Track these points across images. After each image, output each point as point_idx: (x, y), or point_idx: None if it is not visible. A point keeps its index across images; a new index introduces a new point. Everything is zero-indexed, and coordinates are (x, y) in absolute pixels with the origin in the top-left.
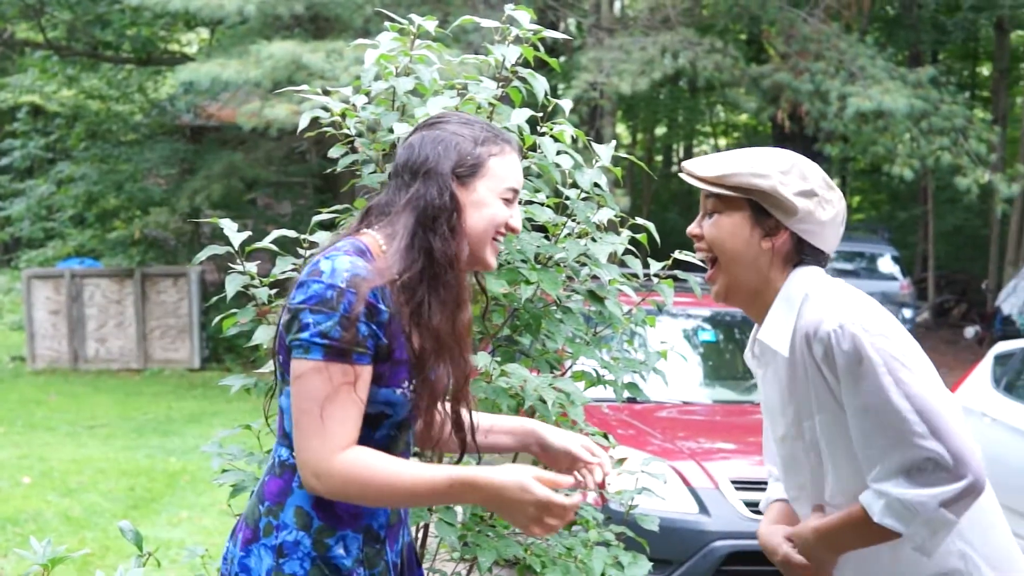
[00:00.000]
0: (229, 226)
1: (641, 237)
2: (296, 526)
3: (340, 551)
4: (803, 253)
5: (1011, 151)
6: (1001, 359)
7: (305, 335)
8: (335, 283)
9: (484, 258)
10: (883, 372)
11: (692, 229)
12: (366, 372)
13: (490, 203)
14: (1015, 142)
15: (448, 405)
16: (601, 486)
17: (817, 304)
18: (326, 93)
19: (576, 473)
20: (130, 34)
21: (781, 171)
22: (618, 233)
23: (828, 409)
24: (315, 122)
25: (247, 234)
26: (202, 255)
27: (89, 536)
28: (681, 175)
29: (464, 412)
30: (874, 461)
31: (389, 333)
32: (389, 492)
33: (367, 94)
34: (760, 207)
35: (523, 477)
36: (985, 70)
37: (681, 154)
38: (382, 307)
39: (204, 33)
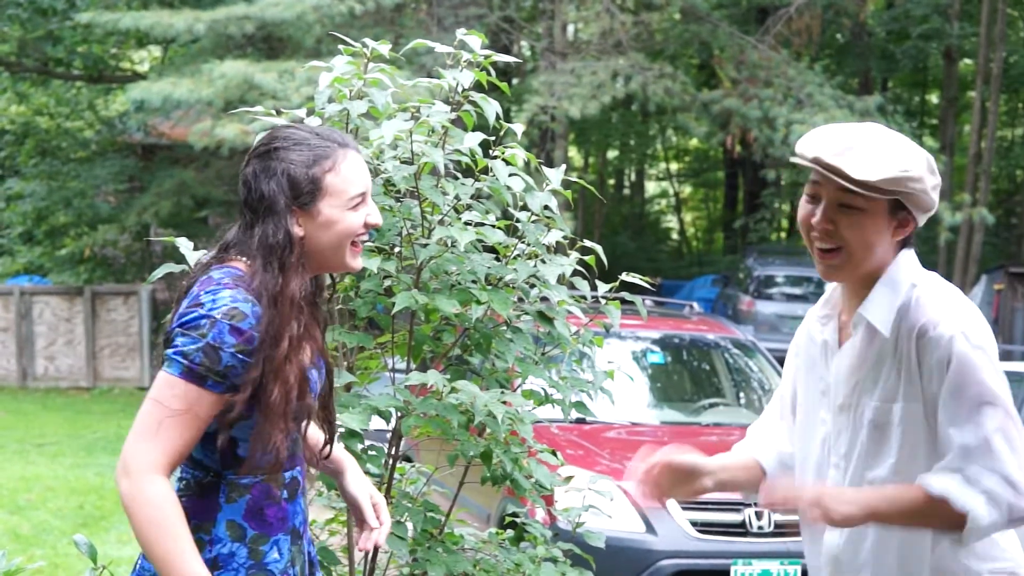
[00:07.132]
0: (184, 244)
1: (589, 259)
2: (230, 539)
3: (274, 556)
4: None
5: (958, 179)
6: None
7: (170, 351)
8: (211, 314)
9: (347, 264)
10: (989, 388)
11: (821, 223)
12: (216, 400)
13: (337, 219)
14: (963, 170)
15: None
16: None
17: (931, 301)
18: (278, 114)
19: (357, 530)
20: (81, 51)
21: (928, 171)
22: (567, 255)
23: (914, 399)
24: None
25: (202, 252)
26: (158, 273)
27: (39, 553)
28: (811, 166)
29: (313, 430)
30: (962, 449)
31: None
32: (155, 548)
33: (321, 116)
34: (898, 203)
35: None
36: (934, 98)
37: (633, 177)
38: (255, 334)
39: (156, 51)
